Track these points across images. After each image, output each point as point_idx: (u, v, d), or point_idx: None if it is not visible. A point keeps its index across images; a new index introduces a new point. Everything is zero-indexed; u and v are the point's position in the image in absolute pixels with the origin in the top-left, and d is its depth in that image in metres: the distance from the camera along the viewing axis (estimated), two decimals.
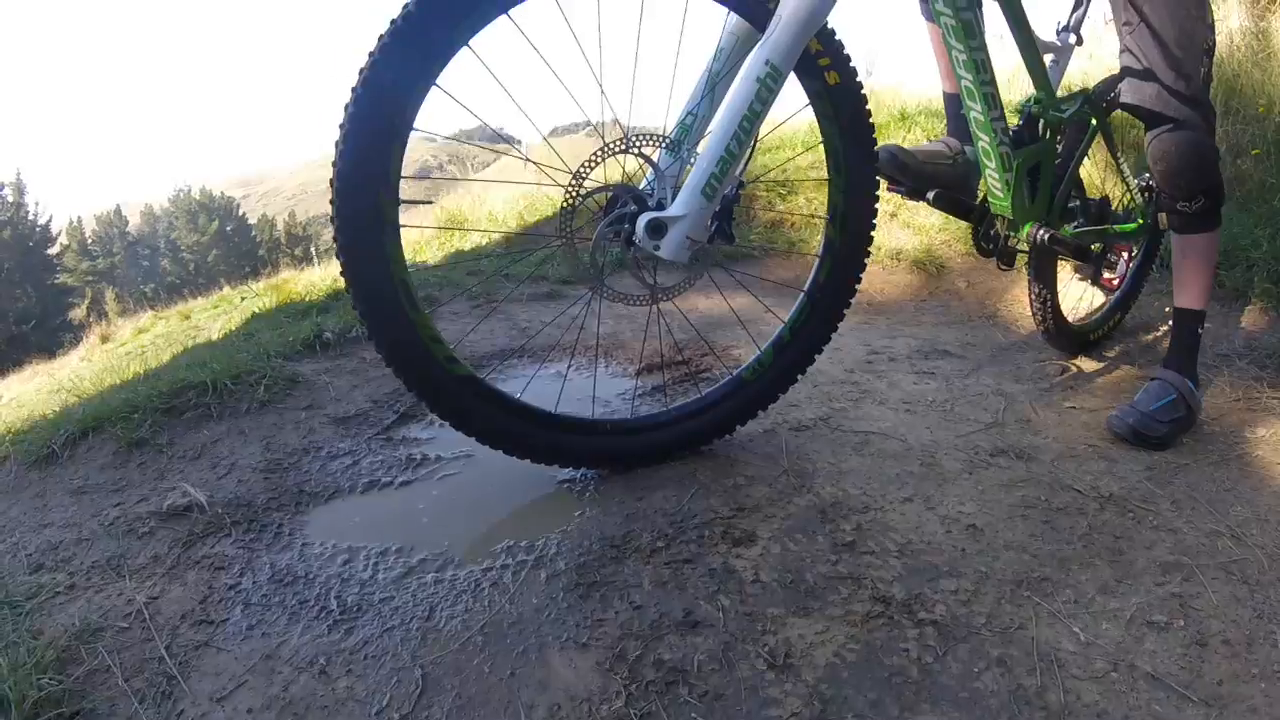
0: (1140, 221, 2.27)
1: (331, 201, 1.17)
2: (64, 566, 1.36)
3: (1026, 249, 1.96)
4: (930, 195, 1.90)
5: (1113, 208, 2.28)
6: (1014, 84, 4.48)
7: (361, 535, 1.39)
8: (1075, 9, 2.10)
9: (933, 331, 2.66)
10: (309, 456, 1.67)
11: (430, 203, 2.42)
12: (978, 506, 1.43)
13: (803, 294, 1.56)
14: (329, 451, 1.69)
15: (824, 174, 1.54)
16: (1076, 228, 2.16)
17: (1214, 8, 4.97)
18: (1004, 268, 2.01)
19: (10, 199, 34.85)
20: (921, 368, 2.24)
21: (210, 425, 1.83)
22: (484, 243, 4.78)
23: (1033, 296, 2.21)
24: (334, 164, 1.16)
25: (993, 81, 1.70)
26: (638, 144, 1.32)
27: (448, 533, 1.38)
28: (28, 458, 1.80)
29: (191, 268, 44.35)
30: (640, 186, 1.37)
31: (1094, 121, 2.11)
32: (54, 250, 37.71)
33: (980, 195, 1.95)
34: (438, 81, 1.19)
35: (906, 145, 1.98)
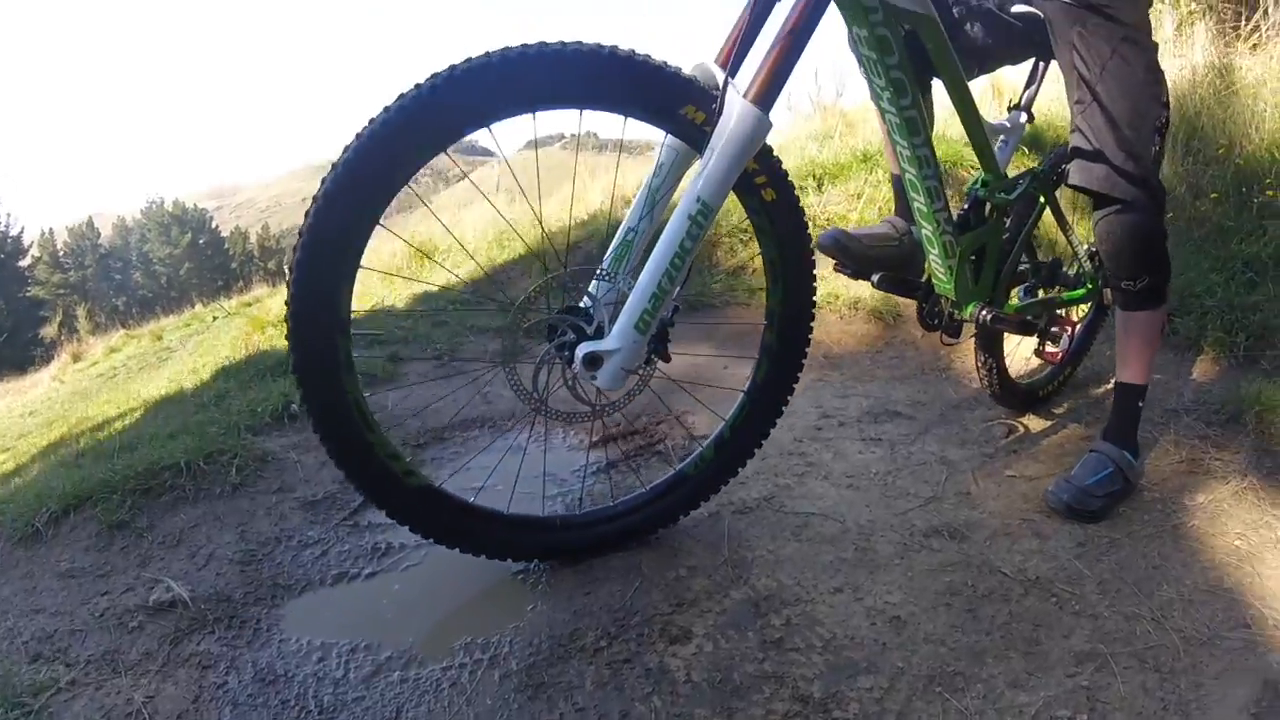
0: (1089, 286, 2.39)
1: (287, 339, 1.30)
2: (61, 658, 1.50)
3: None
4: (875, 279, 2.02)
5: (1064, 268, 2.40)
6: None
7: (334, 631, 1.53)
8: (1027, 87, 2.19)
9: (885, 388, 2.80)
10: (281, 546, 1.81)
11: (380, 333, 2.53)
12: (905, 595, 1.57)
13: (742, 394, 1.70)
14: (300, 540, 1.83)
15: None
16: (1026, 290, 2.30)
17: (1178, 40, 5.07)
18: (949, 342, 2.14)
19: None
20: (869, 433, 2.39)
21: (186, 508, 1.97)
22: (452, 281, 4.89)
23: (979, 364, 2.34)
24: (286, 304, 1.28)
25: (936, 175, 1.80)
26: (577, 278, 1.45)
27: (412, 628, 1.53)
28: (13, 534, 1.93)
29: (164, 281, 44.72)
30: (582, 303, 1.50)
31: (1042, 199, 2.22)
32: (25, 262, 37.78)
33: (926, 274, 2.07)
34: (381, 221, 1.31)
35: (855, 222, 2.09)
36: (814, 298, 1.68)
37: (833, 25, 1.64)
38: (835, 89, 9.15)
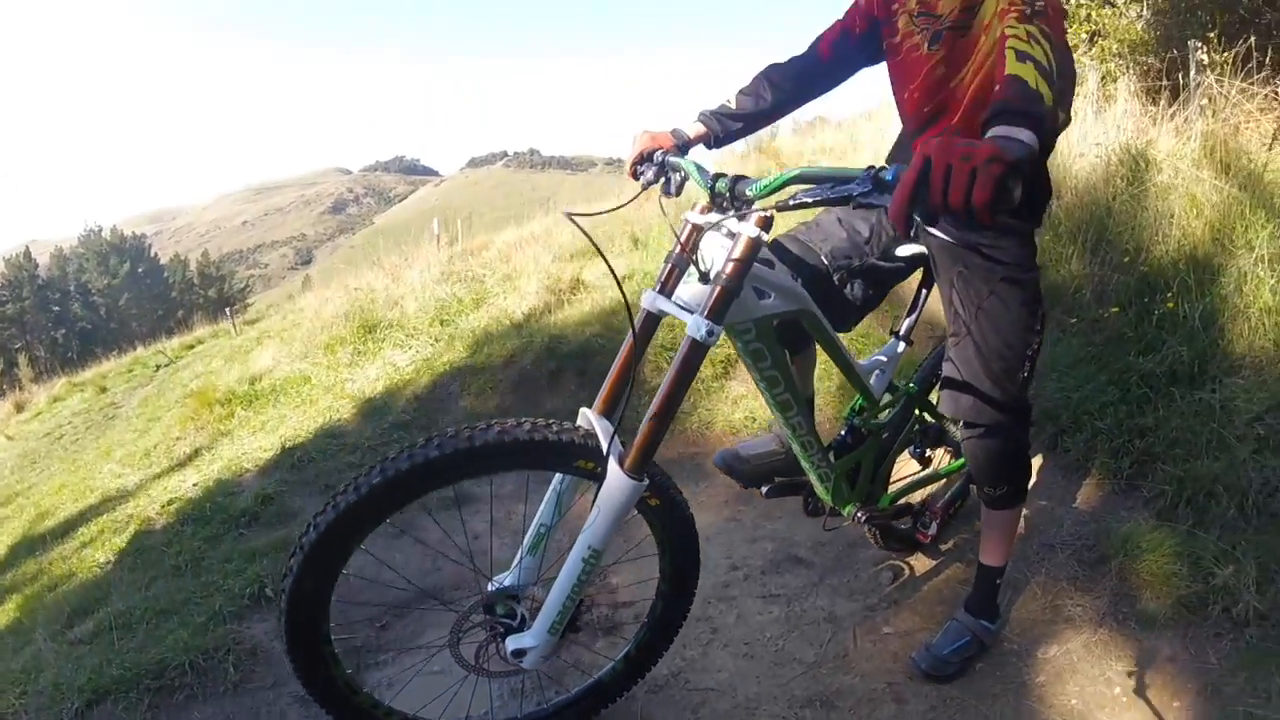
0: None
1: (286, 654, 1.88)
2: None
3: None
4: (764, 490, 2.52)
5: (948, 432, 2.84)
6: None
7: None
8: (909, 314, 2.53)
9: (791, 526, 3.33)
10: None
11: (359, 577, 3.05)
12: None
13: (644, 621, 2.30)
14: None
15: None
16: (915, 448, 2.79)
17: (1101, 97, 5.38)
18: (831, 527, 2.68)
19: None
20: (771, 587, 2.97)
21: (199, 706, 2.60)
22: (397, 384, 5.50)
23: (865, 529, 2.85)
24: (282, 633, 1.85)
25: (809, 433, 2.22)
26: (503, 597, 2.01)
27: None
28: None
29: (103, 312, 45.53)
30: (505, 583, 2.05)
31: (918, 410, 2.69)
32: None
33: None
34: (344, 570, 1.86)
35: (742, 443, 2.57)
36: (698, 562, 2.24)
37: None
38: (770, 129, 9.89)
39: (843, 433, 2.51)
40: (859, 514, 2.50)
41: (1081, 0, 7.92)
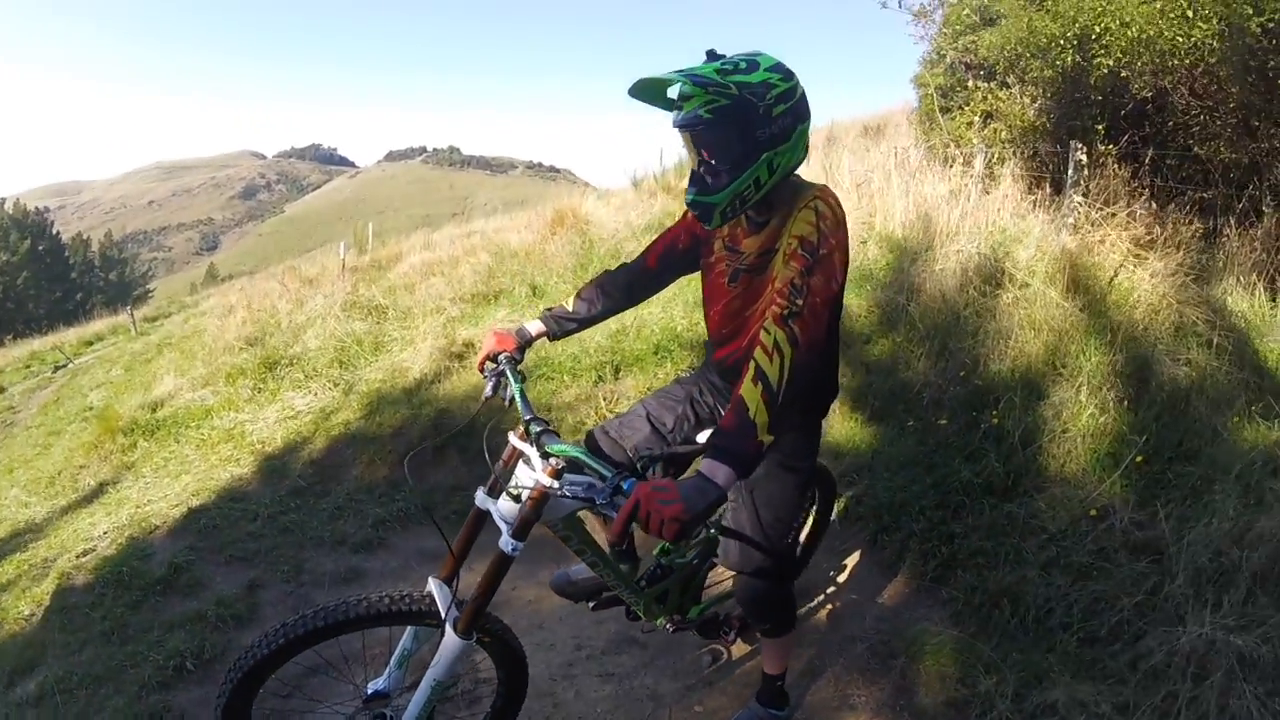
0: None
1: None
2: None
3: None
4: (591, 605, 3.14)
5: None
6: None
7: None
8: None
9: None
10: None
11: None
12: None
13: (487, 711, 2.93)
14: None
15: None
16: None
17: (986, 198, 6.10)
18: (649, 630, 3.32)
19: None
20: (608, 666, 3.62)
21: None
22: (295, 439, 6.08)
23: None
24: None
25: (618, 577, 2.77)
26: (376, 699, 2.60)
27: None
28: None
29: (0, 291, 44.59)
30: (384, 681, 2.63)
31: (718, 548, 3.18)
32: None
33: None
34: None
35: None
36: (526, 683, 2.83)
37: None
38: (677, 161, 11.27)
39: (653, 567, 3.09)
40: (669, 626, 3.13)
41: (979, 84, 8.77)
